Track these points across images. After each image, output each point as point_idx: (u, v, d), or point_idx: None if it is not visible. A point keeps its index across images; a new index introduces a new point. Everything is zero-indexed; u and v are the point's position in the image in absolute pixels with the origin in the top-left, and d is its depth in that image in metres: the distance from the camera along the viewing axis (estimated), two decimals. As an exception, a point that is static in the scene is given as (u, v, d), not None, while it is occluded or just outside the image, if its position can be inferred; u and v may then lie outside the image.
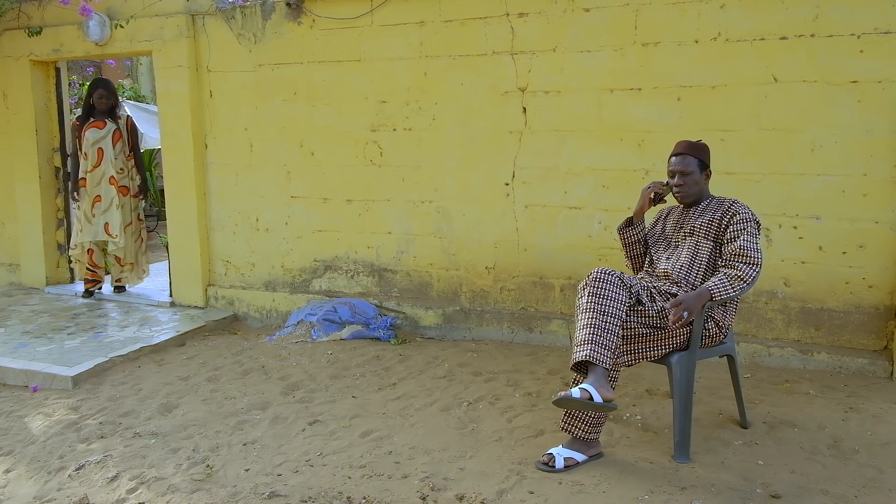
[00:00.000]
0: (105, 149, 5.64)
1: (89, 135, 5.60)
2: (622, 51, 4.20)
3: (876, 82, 3.73)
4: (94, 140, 5.62)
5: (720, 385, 3.67)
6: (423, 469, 2.88)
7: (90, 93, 5.64)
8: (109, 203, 5.68)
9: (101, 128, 5.62)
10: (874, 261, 3.85)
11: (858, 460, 2.84)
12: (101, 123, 5.62)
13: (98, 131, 5.62)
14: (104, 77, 5.61)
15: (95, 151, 5.63)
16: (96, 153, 5.64)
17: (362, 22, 4.80)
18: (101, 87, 5.64)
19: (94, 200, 5.67)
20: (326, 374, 4.09)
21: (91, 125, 5.63)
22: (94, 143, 5.61)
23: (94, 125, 5.63)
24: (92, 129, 5.61)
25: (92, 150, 5.62)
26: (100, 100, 5.61)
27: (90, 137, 5.61)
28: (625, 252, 3.41)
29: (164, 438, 3.30)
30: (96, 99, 5.61)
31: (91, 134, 5.61)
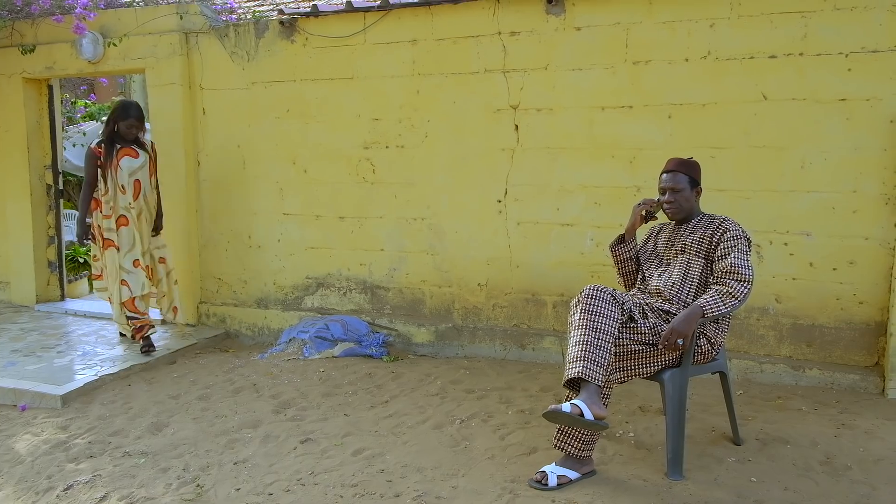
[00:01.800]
0: (143, 181, 4.87)
1: (125, 164, 4.77)
2: (613, 69, 4.23)
3: (864, 100, 3.77)
4: (131, 170, 4.81)
5: (713, 402, 3.66)
6: (415, 487, 2.86)
7: (116, 117, 4.75)
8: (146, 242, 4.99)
9: (136, 157, 4.82)
10: (864, 277, 3.87)
11: (851, 477, 2.84)
12: (133, 151, 4.81)
13: (133, 160, 4.82)
14: (130, 100, 4.90)
15: (133, 183, 4.82)
16: (133, 185, 4.82)
17: (355, 40, 4.83)
18: (132, 115, 4.74)
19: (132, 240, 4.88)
20: (318, 392, 4.07)
21: (123, 152, 4.78)
22: (132, 173, 4.81)
23: (126, 152, 4.79)
24: (126, 158, 4.78)
25: (130, 181, 4.79)
26: (129, 129, 4.75)
27: (126, 167, 4.78)
28: (617, 269, 3.41)
29: (153, 458, 3.28)
30: (124, 128, 4.74)
31: (127, 163, 4.78)
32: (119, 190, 4.76)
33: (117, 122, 4.75)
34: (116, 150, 4.75)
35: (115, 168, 4.73)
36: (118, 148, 4.76)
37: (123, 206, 4.78)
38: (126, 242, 4.81)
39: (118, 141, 4.77)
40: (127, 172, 4.77)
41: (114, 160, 4.74)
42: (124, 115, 4.73)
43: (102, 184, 4.75)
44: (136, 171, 4.81)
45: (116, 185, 4.74)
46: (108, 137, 4.77)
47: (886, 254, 3.80)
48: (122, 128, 4.74)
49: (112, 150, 4.75)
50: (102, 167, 4.75)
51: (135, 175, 4.81)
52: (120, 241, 4.79)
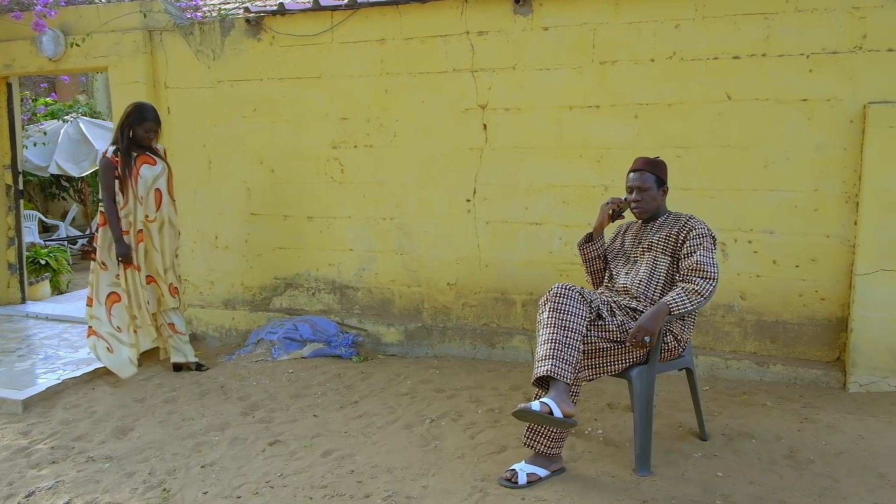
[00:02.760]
0: (162, 190, 4.47)
1: (145, 173, 4.37)
2: (580, 69, 4.26)
3: (825, 100, 3.84)
4: (151, 178, 4.41)
5: (679, 398, 3.71)
6: (385, 488, 2.85)
7: (131, 122, 4.33)
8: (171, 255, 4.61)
9: (154, 164, 4.42)
10: (826, 274, 3.95)
11: (814, 470, 2.89)
12: (150, 158, 4.41)
13: (153, 168, 4.41)
14: (145, 102, 4.46)
15: (153, 194, 4.44)
16: (154, 196, 4.44)
17: (323, 39, 4.80)
18: (149, 118, 4.35)
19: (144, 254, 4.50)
20: (287, 394, 4.03)
21: (142, 160, 4.38)
22: (153, 182, 4.42)
23: (144, 160, 4.39)
24: (146, 166, 4.38)
25: (150, 191, 4.42)
26: (147, 134, 4.36)
27: (147, 175, 4.38)
28: (585, 267, 3.44)
29: (118, 462, 3.22)
30: (142, 132, 4.34)
31: (147, 171, 4.38)
32: (138, 201, 4.35)
33: (133, 128, 4.34)
34: (134, 158, 4.35)
35: (136, 178, 4.32)
36: (135, 156, 4.35)
37: (141, 218, 4.38)
38: (142, 259, 4.45)
39: (133, 148, 4.37)
40: (148, 181, 4.38)
41: (133, 169, 4.32)
42: (141, 119, 4.33)
43: (120, 196, 4.32)
44: (156, 180, 4.43)
45: (136, 197, 4.33)
46: (124, 143, 4.34)
47: (847, 251, 3.88)
48: (140, 133, 4.34)
49: (130, 159, 4.33)
50: (120, 177, 4.32)
51: (155, 184, 4.43)
52: (139, 260, 4.41)
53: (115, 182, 4.30)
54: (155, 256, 4.47)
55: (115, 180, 4.30)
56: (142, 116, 4.32)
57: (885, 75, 3.72)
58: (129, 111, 4.35)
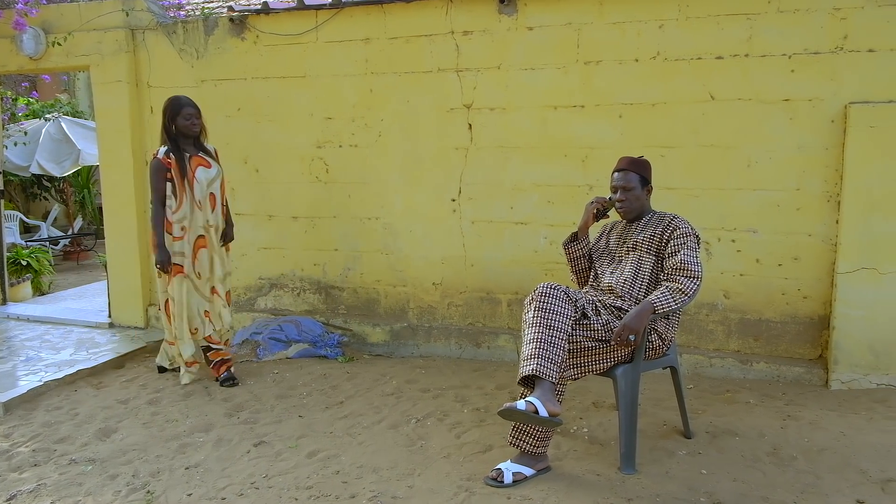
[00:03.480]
0: (216, 194, 4.17)
1: (201, 175, 4.07)
2: (565, 69, 4.27)
3: (807, 100, 3.88)
4: (206, 182, 4.11)
5: (664, 396, 3.73)
6: (371, 488, 2.85)
7: (171, 116, 4.05)
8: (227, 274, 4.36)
9: (209, 167, 4.13)
10: (808, 272, 3.98)
11: (797, 467, 2.91)
12: (205, 161, 4.12)
13: (208, 171, 4.12)
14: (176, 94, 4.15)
15: (208, 198, 4.13)
16: (209, 200, 4.13)
17: (307, 38, 4.78)
18: (185, 102, 4.06)
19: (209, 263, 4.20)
20: (272, 394, 4.02)
21: (196, 161, 4.08)
22: (208, 186, 4.12)
23: (199, 162, 4.09)
24: (201, 168, 4.08)
25: (206, 195, 4.11)
26: (187, 121, 4.03)
27: (202, 179, 4.08)
28: (570, 267, 3.45)
29: (101, 465, 3.19)
30: (183, 121, 4.03)
31: (202, 174, 4.08)
32: (196, 206, 4.06)
33: (174, 121, 4.04)
34: (188, 160, 4.06)
35: (192, 181, 4.03)
36: (188, 156, 4.07)
37: (202, 224, 4.10)
38: (206, 267, 4.17)
39: (185, 147, 4.08)
40: (204, 185, 4.08)
41: (189, 171, 4.03)
42: (177, 108, 4.03)
43: (172, 199, 4.03)
44: (211, 184, 4.13)
45: (192, 201, 4.04)
46: (172, 142, 4.04)
47: (829, 250, 3.92)
48: (182, 122, 4.03)
49: (184, 161, 4.03)
50: (172, 180, 4.02)
51: (210, 188, 4.13)
52: (201, 267, 4.14)
53: (166, 185, 4.00)
54: (217, 264, 4.21)
55: (166, 183, 4.00)
56: (177, 104, 4.05)
57: (866, 75, 3.76)
58: (165, 107, 4.08)
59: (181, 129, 4.05)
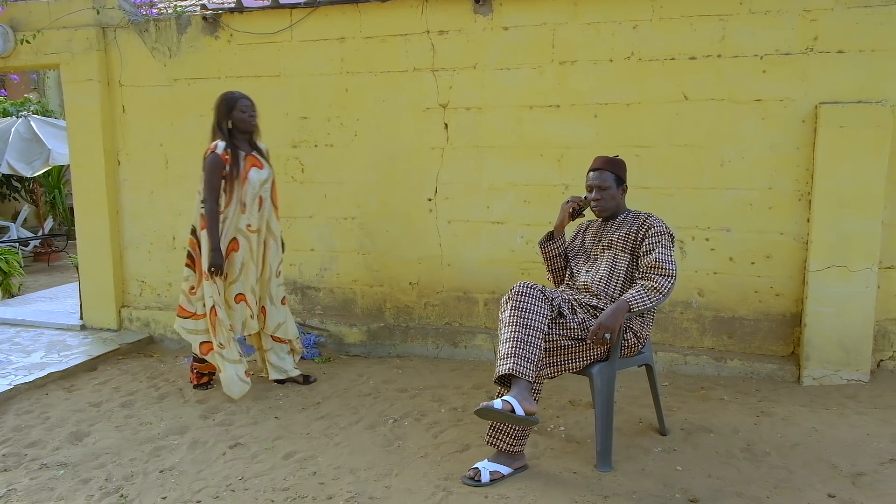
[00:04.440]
0: (265, 198, 3.97)
1: (253, 176, 3.88)
2: (541, 69, 4.28)
3: (778, 101, 3.93)
4: (258, 184, 3.90)
5: (640, 394, 3.76)
6: (348, 489, 2.84)
7: (228, 110, 3.85)
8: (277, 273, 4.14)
9: (261, 167, 3.92)
10: (780, 270, 4.03)
11: (770, 462, 2.95)
12: (258, 161, 3.91)
13: (260, 172, 3.91)
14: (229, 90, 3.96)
15: (257, 201, 3.93)
16: (257, 203, 3.94)
17: (282, 37, 4.75)
18: (240, 95, 3.87)
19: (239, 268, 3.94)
20: (247, 396, 3.98)
21: (250, 161, 3.88)
22: (259, 188, 3.91)
23: (253, 162, 3.89)
24: (254, 169, 3.88)
25: (255, 197, 3.90)
26: (244, 114, 3.86)
27: (255, 180, 3.88)
28: (546, 265, 3.46)
29: (74, 469, 3.14)
30: (240, 114, 3.85)
31: (255, 175, 3.88)
32: (240, 208, 3.87)
33: (231, 116, 3.84)
34: (243, 158, 3.86)
35: (244, 181, 3.84)
36: (243, 155, 3.86)
37: (242, 226, 3.89)
38: (234, 270, 3.92)
39: (240, 145, 3.87)
40: (255, 187, 3.88)
41: (242, 171, 3.83)
42: (233, 102, 3.84)
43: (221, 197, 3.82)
44: (262, 186, 3.93)
45: (239, 202, 3.85)
46: (227, 139, 3.83)
47: (800, 248, 3.98)
48: (238, 115, 3.84)
49: (238, 159, 3.83)
50: (226, 178, 3.81)
51: (261, 190, 3.93)
52: (229, 269, 3.91)
53: (221, 182, 3.80)
54: (251, 270, 3.96)
55: (222, 180, 3.80)
56: (232, 98, 3.86)
57: (836, 76, 3.82)
58: (219, 102, 3.88)
59: (238, 123, 3.86)
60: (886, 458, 2.94)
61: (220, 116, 3.88)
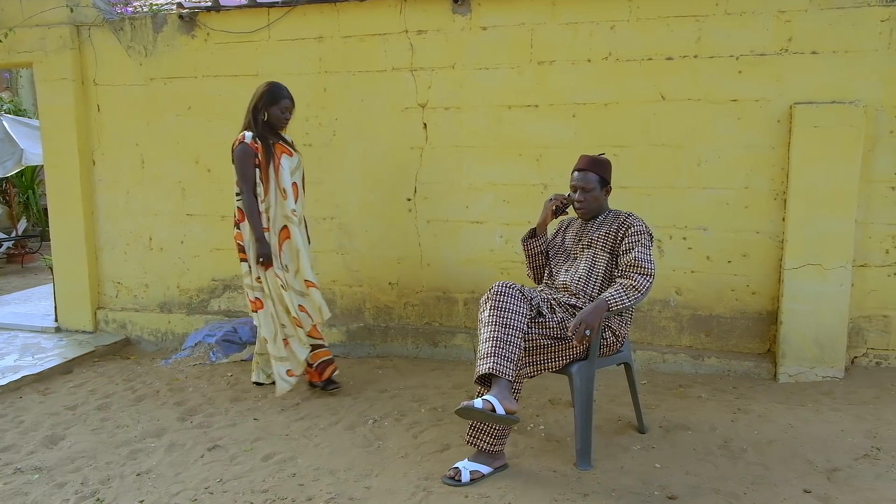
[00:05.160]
0: (299, 184, 3.95)
1: (286, 163, 3.83)
2: (519, 69, 4.29)
3: (754, 101, 3.97)
4: (290, 170, 3.86)
5: (619, 392, 3.78)
6: (328, 490, 2.82)
7: (266, 103, 3.80)
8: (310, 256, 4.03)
9: (290, 154, 3.89)
10: (757, 269, 4.08)
11: (747, 459, 2.98)
12: (287, 148, 3.88)
13: (290, 159, 3.88)
14: (276, 81, 3.90)
15: (292, 187, 3.87)
16: (293, 190, 3.88)
17: (259, 36, 4.72)
18: (285, 95, 3.84)
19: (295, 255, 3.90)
20: (226, 397, 3.95)
21: (280, 149, 3.83)
22: (291, 175, 3.87)
23: (283, 150, 3.85)
24: (285, 156, 3.84)
25: (290, 183, 3.85)
26: (283, 115, 3.84)
27: (286, 167, 3.83)
28: (527, 263, 3.47)
29: (48, 473, 3.10)
30: (278, 112, 3.82)
31: (286, 162, 3.84)
32: (280, 194, 3.81)
33: (268, 109, 3.80)
34: (273, 146, 3.81)
35: (278, 167, 3.78)
36: (273, 143, 3.82)
37: (287, 213, 3.82)
38: (293, 260, 3.88)
39: (268, 134, 3.83)
40: (288, 172, 3.83)
41: (275, 158, 3.78)
42: (275, 98, 3.80)
43: (259, 187, 3.77)
44: (293, 172, 3.89)
45: (278, 189, 3.80)
46: (257, 129, 3.79)
47: (776, 246, 4.02)
48: (275, 113, 3.81)
49: (270, 147, 3.79)
50: (259, 167, 3.77)
51: (293, 177, 3.88)
52: (287, 260, 3.87)
53: (255, 171, 3.75)
54: (303, 255, 3.89)
55: (255, 169, 3.75)
56: (277, 94, 3.80)
57: (810, 77, 3.87)
58: (262, 91, 3.82)
59: (273, 119, 3.81)
60: (860, 454, 2.99)
61: (259, 105, 3.80)
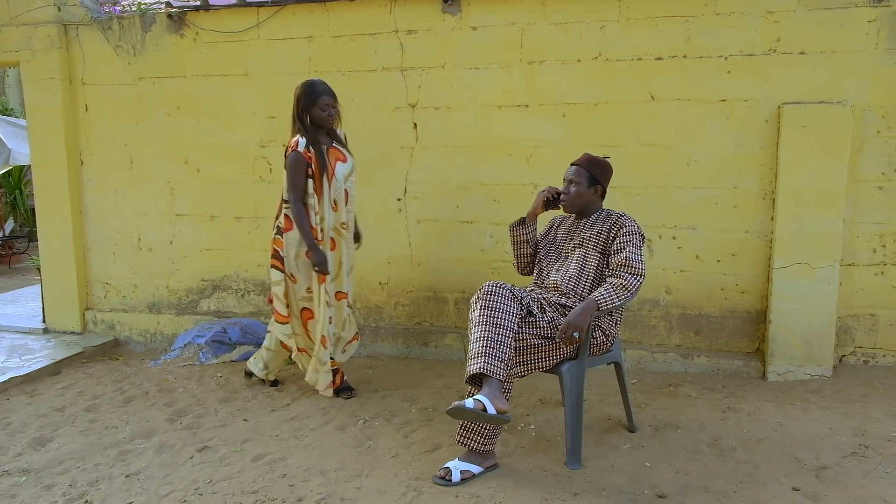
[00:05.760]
0: (350, 191, 3.76)
1: (339, 171, 3.68)
2: (509, 68, 4.30)
3: (742, 101, 3.99)
4: (344, 177, 3.71)
5: (609, 391, 3.79)
6: (318, 490, 2.82)
7: (304, 104, 3.64)
8: (350, 270, 3.93)
9: (344, 160, 3.73)
10: (746, 268, 4.10)
11: (736, 457, 3.00)
12: (339, 153, 3.72)
13: (344, 166, 3.72)
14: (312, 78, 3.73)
15: (343, 195, 3.73)
16: (344, 197, 3.74)
17: (248, 36, 4.70)
18: (321, 90, 3.62)
19: (337, 266, 3.80)
20: (216, 398, 3.94)
21: (334, 155, 3.68)
22: (344, 182, 3.71)
23: (336, 156, 3.70)
24: (339, 163, 3.69)
25: (341, 193, 3.71)
26: (324, 113, 3.64)
27: (339, 174, 3.68)
28: (513, 250, 3.48)
29: (36, 475, 3.08)
30: (319, 112, 3.63)
31: (340, 169, 3.68)
32: (331, 205, 3.68)
33: (309, 112, 3.62)
34: (327, 152, 3.65)
35: (331, 177, 3.63)
36: (325, 149, 3.66)
37: (335, 225, 3.73)
38: (334, 271, 3.80)
39: (319, 138, 3.68)
40: (341, 182, 3.68)
41: (328, 168, 3.62)
42: (313, 97, 3.60)
43: (313, 198, 3.66)
44: (346, 179, 3.73)
45: (330, 200, 3.67)
46: (307, 133, 3.64)
47: (765, 246, 4.04)
48: (317, 113, 3.62)
49: (323, 154, 3.62)
50: (312, 176, 3.63)
51: (345, 184, 3.73)
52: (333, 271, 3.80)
53: (307, 181, 3.63)
54: (344, 268, 3.83)
55: (307, 179, 3.63)
56: (313, 93, 3.61)
57: (798, 77, 3.89)
58: (298, 94, 3.65)
59: (316, 120, 3.65)
60: (848, 452, 3.00)
61: (300, 109, 3.66)
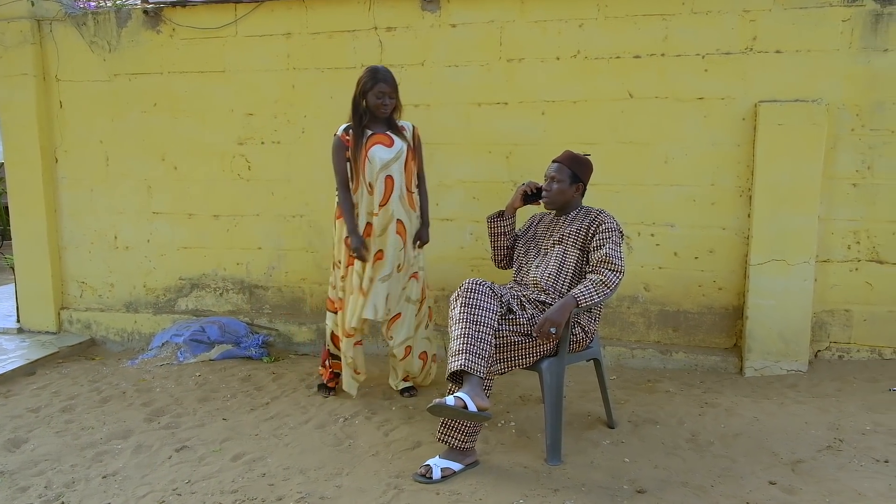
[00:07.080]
0: (395, 177, 3.62)
1: (376, 154, 3.58)
2: (489, 66, 4.30)
3: (719, 99, 4.02)
4: (382, 163, 3.60)
5: (589, 388, 3.81)
6: (298, 489, 2.80)
7: (362, 90, 3.58)
8: (393, 263, 3.67)
9: (389, 145, 3.62)
10: (723, 265, 4.14)
11: (714, 452, 3.03)
12: (387, 138, 3.62)
13: (386, 150, 3.60)
14: (378, 65, 3.64)
15: (384, 181, 3.61)
16: (384, 184, 3.62)
17: (226, 32, 4.66)
18: (380, 79, 3.54)
19: (374, 258, 3.65)
20: (194, 397, 3.91)
21: (374, 140, 3.60)
22: (383, 167, 3.60)
23: (377, 140, 3.61)
24: (378, 147, 3.58)
25: (380, 178, 3.60)
26: (378, 100, 3.55)
27: (377, 159, 3.58)
28: (491, 241, 3.50)
29: (11, 477, 3.03)
30: (373, 99, 3.55)
31: (378, 153, 3.58)
32: (367, 189, 3.62)
33: (366, 97, 3.57)
34: (367, 138, 3.61)
35: (364, 160, 3.58)
36: (369, 134, 3.61)
37: (371, 210, 3.63)
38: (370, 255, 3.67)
39: (369, 124, 3.63)
40: (377, 165, 3.58)
41: (362, 150, 3.58)
42: (371, 83, 3.54)
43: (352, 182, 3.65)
44: (389, 165, 3.60)
45: (364, 184, 3.61)
46: (356, 119, 3.61)
47: (741, 242, 4.08)
48: (371, 100, 3.56)
49: (361, 138, 3.60)
50: (351, 160, 3.62)
51: (387, 170, 3.60)
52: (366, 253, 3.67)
53: (346, 165, 3.62)
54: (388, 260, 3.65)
55: (346, 163, 3.62)
56: (373, 78, 3.54)
57: (774, 75, 3.93)
58: (361, 77, 3.59)
59: (371, 107, 3.59)
60: (823, 445, 3.04)
61: (358, 93, 3.61)
